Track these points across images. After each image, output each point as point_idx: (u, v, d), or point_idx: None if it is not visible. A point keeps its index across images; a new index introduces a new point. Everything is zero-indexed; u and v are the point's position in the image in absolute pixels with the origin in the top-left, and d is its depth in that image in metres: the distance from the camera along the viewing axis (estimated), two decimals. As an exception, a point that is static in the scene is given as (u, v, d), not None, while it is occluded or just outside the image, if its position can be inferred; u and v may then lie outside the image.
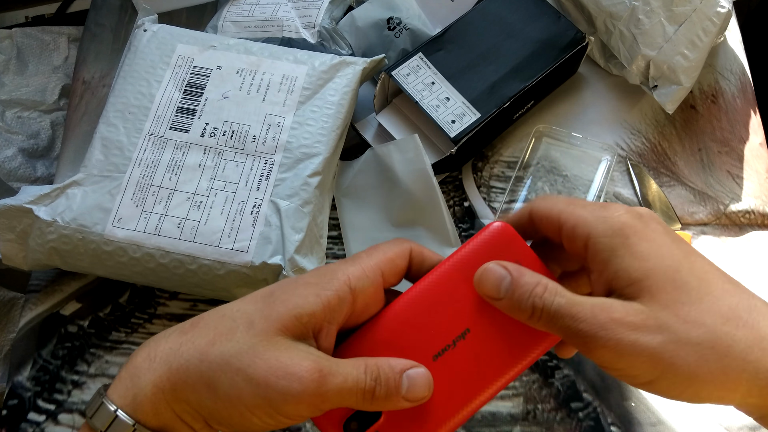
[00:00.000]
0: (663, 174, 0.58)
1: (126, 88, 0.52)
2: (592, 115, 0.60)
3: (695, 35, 0.55)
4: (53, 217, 0.47)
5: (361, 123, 0.58)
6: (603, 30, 0.59)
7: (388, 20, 0.59)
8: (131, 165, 0.49)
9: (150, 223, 0.47)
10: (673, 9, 0.55)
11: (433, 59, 0.55)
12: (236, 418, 0.27)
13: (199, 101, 0.51)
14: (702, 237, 0.55)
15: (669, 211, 0.56)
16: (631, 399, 0.49)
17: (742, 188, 0.57)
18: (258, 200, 0.48)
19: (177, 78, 0.52)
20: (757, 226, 0.56)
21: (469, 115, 0.53)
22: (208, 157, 0.49)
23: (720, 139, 0.60)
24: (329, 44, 0.59)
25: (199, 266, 0.46)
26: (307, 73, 0.53)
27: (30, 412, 0.49)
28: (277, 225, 0.47)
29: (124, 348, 0.51)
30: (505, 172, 0.58)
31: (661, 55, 0.56)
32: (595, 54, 0.62)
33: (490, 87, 0.54)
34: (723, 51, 0.64)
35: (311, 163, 0.49)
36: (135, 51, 0.54)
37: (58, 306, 0.52)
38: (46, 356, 0.51)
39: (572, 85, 0.61)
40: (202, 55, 0.53)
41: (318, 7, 0.59)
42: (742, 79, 0.62)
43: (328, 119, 0.51)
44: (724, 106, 0.61)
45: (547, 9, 0.57)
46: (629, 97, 0.61)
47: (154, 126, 0.50)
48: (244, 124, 0.50)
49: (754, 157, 0.59)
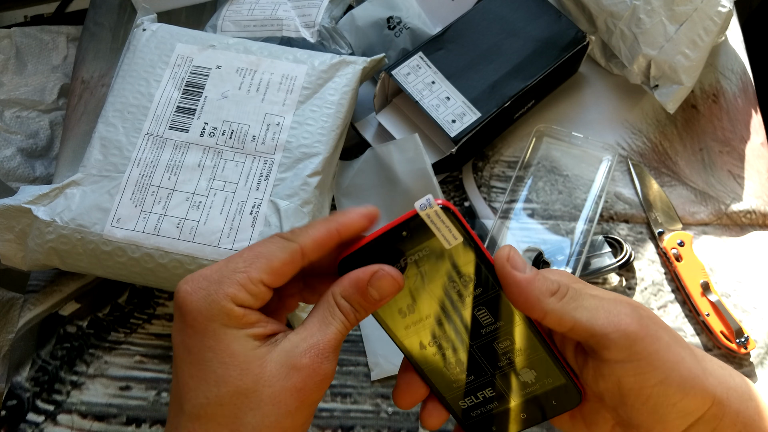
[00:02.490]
0: (664, 174, 0.58)
1: (125, 87, 0.52)
2: (592, 114, 0.60)
3: (696, 35, 0.55)
4: (52, 217, 0.47)
5: (361, 122, 0.58)
6: (604, 29, 0.59)
7: (388, 19, 0.59)
8: (130, 165, 0.49)
9: (149, 223, 0.47)
10: (674, 8, 0.55)
11: (434, 58, 0.55)
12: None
13: (199, 101, 0.51)
14: (703, 237, 0.55)
15: (670, 211, 0.55)
16: (632, 400, 0.49)
17: (744, 188, 0.57)
18: (257, 200, 0.48)
19: (176, 77, 0.52)
20: (758, 226, 0.56)
21: (469, 115, 0.53)
22: (208, 156, 0.49)
23: (721, 138, 0.59)
24: (329, 43, 0.58)
25: (199, 266, 0.46)
26: (306, 73, 0.52)
27: (29, 413, 0.48)
28: (276, 225, 0.47)
29: (123, 348, 0.51)
30: (506, 171, 0.57)
31: (662, 54, 0.55)
32: (595, 53, 0.62)
33: (491, 86, 0.54)
34: (724, 50, 0.64)
35: (311, 162, 0.49)
36: (134, 50, 0.53)
37: (57, 306, 0.52)
38: (45, 357, 0.50)
39: (573, 84, 0.61)
40: (202, 55, 0.53)
41: (318, 6, 0.59)
42: (744, 79, 0.62)
43: (328, 119, 0.51)
44: (726, 105, 0.61)
45: (547, 8, 0.57)
46: (630, 96, 0.61)
47: (153, 126, 0.50)
48: (243, 124, 0.50)
49: (755, 156, 0.59)
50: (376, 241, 0.32)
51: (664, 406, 0.30)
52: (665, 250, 0.53)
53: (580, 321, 0.30)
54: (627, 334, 0.30)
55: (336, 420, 0.48)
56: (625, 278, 0.53)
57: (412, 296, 0.33)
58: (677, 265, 0.52)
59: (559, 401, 0.34)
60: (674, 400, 0.30)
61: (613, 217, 0.56)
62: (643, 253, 0.54)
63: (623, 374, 0.30)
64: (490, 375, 0.34)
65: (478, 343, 0.34)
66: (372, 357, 0.49)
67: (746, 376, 0.50)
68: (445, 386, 0.34)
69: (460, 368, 0.34)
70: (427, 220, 0.31)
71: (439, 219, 0.31)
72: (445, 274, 0.32)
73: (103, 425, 0.48)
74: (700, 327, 0.51)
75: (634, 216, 0.56)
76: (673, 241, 0.53)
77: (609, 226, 0.55)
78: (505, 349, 0.34)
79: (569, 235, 0.54)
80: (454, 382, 0.34)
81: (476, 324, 0.33)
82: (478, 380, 0.34)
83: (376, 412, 0.48)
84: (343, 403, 0.48)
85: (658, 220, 0.55)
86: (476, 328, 0.33)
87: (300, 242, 0.29)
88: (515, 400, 0.34)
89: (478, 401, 0.35)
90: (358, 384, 0.49)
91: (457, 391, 0.34)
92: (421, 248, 0.32)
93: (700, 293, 0.51)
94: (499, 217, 0.55)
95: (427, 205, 0.31)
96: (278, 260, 0.28)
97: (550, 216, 0.55)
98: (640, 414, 0.30)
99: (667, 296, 0.53)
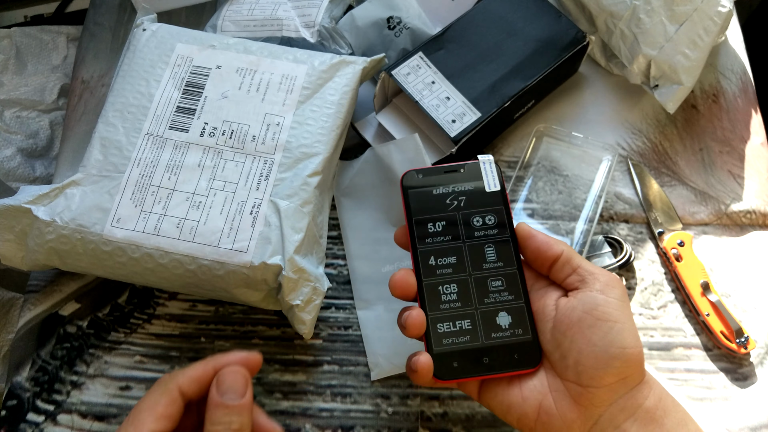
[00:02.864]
0: (664, 174, 0.58)
1: (125, 87, 0.52)
2: (592, 114, 0.60)
3: (696, 35, 0.55)
4: (52, 217, 0.47)
5: (361, 122, 0.58)
6: (604, 29, 0.59)
7: (388, 19, 0.59)
8: (130, 165, 0.49)
9: (149, 223, 0.47)
10: (674, 8, 0.55)
11: (434, 58, 0.55)
12: None
13: (199, 101, 0.51)
14: (703, 237, 0.55)
15: (670, 211, 0.55)
16: (632, 400, 0.49)
17: (743, 188, 0.57)
18: (257, 200, 0.48)
19: (176, 77, 0.52)
20: (758, 226, 0.56)
21: (469, 115, 0.53)
22: (208, 156, 0.49)
23: (721, 138, 0.59)
24: (329, 43, 0.58)
25: (199, 266, 0.46)
26: (306, 73, 0.52)
27: (29, 413, 0.48)
28: (276, 225, 0.47)
29: (123, 348, 0.51)
30: (506, 171, 0.57)
31: (662, 54, 0.55)
32: (595, 53, 0.62)
33: (491, 86, 0.54)
34: (724, 50, 0.64)
35: (311, 162, 0.49)
36: (134, 50, 0.53)
37: (57, 306, 0.52)
38: (45, 357, 0.50)
39: (573, 84, 0.61)
40: (202, 55, 0.53)
41: (318, 6, 0.59)
42: (744, 79, 0.62)
43: (328, 119, 0.51)
44: (726, 105, 0.61)
45: (547, 8, 0.57)
46: (630, 96, 0.61)
47: (153, 125, 0.50)
48: (243, 124, 0.50)
49: (755, 156, 0.59)
50: (439, 168, 0.43)
51: (609, 355, 0.35)
52: (665, 250, 0.53)
53: (572, 251, 0.39)
54: (613, 278, 0.38)
55: (336, 420, 0.48)
56: (625, 278, 0.53)
57: (444, 219, 0.41)
58: (677, 265, 0.52)
59: (520, 357, 0.39)
60: (618, 351, 0.35)
61: (613, 217, 0.56)
62: (643, 253, 0.54)
63: (590, 306, 0.37)
64: (474, 307, 0.40)
65: (477, 275, 0.40)
66: (372, 357, 0.49)
67: (746, 376, 0.50)
68: (434, 303, 0.40)
69: (453, 291, 0.40)
70: (482, 166, 0.43)
71: (490, 168, 0.43)
72: (476, 210, 0.42)
73: (103, 425, 0.48)
74: (700, 327, 0.51)
75: (634, 216, 0.56)
76: (673, 241, 0.53)
77: (609, 226, 0.55)
78: (495, 288, 0.40)
79: (569, 235, 0.54)
80: (442, 303, 0.40)
81: (481, 257, 0.40)
82: (463, 309, 0.40)
83: (376, 412, 0.48)
84: (343, 403, 0.48)
85: (658, 220, 0.55)
86: (480, 261, 0.40)
87: (177, 382, 0.33)
88: (485, 341, 0.39)
89: (455, 330, 0.39)
90: (358, 384, 0.49)
91: (441, 313, 0.40)
92: (468, 184, 0.42)
93: (700, 293, 0.51)
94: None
95: (486, 158, 0.42)
96: (161, 405, 0.33)
97: (550, 216, 0.55)
98: (584, 356, 0.36)
99: (667, 296, 0.53)
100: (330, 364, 0.50)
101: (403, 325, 0.39)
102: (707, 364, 0.50)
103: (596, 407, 0.36)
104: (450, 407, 0.48)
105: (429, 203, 0.42)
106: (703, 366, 0.50)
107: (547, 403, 0.37)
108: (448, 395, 0.48)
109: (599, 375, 0.35)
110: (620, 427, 0.35)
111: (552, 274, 0.40)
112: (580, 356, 0.36)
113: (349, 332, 0.51)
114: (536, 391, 0.37)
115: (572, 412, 0.36)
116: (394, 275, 0.40)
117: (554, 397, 0.37)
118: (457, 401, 0.48)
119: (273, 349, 0.50)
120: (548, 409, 0.36)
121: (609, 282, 0.38)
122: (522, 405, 0.37)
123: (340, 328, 0.51)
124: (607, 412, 0.36)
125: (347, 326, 0.51)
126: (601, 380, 0.35)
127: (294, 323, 0.46)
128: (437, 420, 0.48)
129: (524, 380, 0.38)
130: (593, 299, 0.37)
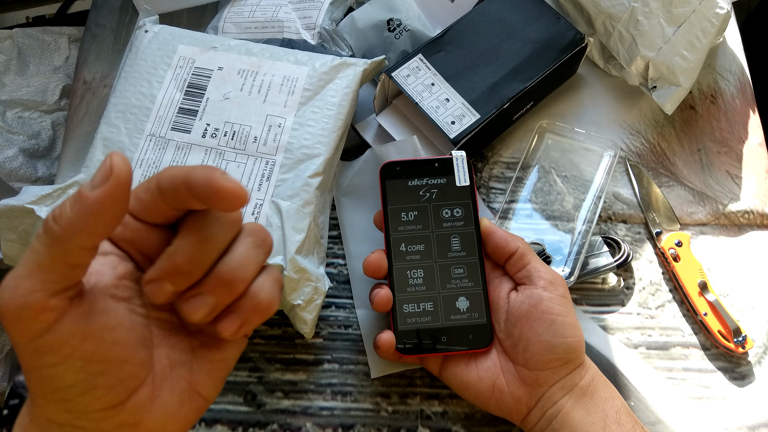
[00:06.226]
0: (662, 174, 0.58)
1: (127, 88, 0.52)
2: (591, 115, 0.60)
3: (694, 36, 0.55)
4: (55, 218, 0.47)
5: (361, 124, 0.58)
6: (602, 31, 0.59)
7: (388, 21, 0.59)
8: (133, 165, 0.49)
9: (151, 224, 0.47)
10: (672, 10, 0.55)
11: (433, 60, 0.55)
12: None
13: (201, 102, 0.51)
14: (701, 237, 0.55)
15: (668, 212, 0.56)
16: (630, 398, 0.49)
17: (741, 188, 0.57)
18: (259, 201, 0.48)
19: (178, 79, 0.52)
20: (756, 227, 0.56)
21: (468, 116, 0.53)
22: (210, 157, 0.50)
23: (719, 139, 0.60)
24: (330, 45, 0.59)
25: (200, 266, 0.46)
26: (307, 74, 0.53)
27: (32, 412, 0.49)
28: (278, 225, 0.47)
29: (126, 348, 0.51)
30: (505, 173, 0.58)
31: (660, 56, 0.56)
32: (594, 55, 0.62)
33: (490, 88, 0.54)
34: (722, 51, 0.64)
35: (312, 163, 0.50)
36: (136, 52, 0.54)
37: (60, 306, 0.53)
38: (47, 356, 0.51)
39: (571, 85, 0.62)
40: (203, 56, 0.53)
41: (318, 9, 0.59)
42: (741, 80, 0.63)
43: (329, 120, 0.51)
44: (723, 106, 0.61)
45: (546, 10, 0.57)
46: (628, 97, 0.61)
47: (156, 127, 0.51)
48: (245, 125, 0.51)
49: (753, 157, 0.59)
50: (416, 162, 0.47)
51: (552, 344, 0.41)
52: (663, 250, 0.54)
53: (528, 248, 0.45)
54: (556, 277, 0.44)
55: (336, 418, 0.48)
56: (623, 278, 0.54)
57: (416, 210, 0.46)
58: (675, 265, 0.53)
59: (475, 338, 0.44)
60: (560, 340, 0.41)
61: (611, 217, 0.56)
62: (641, 253, 0.55)
63: (536, 301, 0.42)
64: (437, 291, 0.45)
65: (442, 262, 0.45)
66: (372, 355, 0.50)
67: (744, 376, 0.51)
68: (401, 286, 0.45)
69: (419, 276, 0.45)
70: (455, 162, 0.47)
71: (462, 164, 0.47)
72: (446, 203, 0.46)
73: (105, 424, 0.48)
74: (697, 326, 0.52)
75: (632, 216, 0.56)
76: (671, 241, 0.54)
77: (607, 227, 0.56)
78: (458, 275, 0.45)
79: (568, 235, 0.54)
80: (409, 286, 0.45)
81: (447, 246, 0.45)
82: (427, 292, 0.45)
83: (376, 411, 0.48)
84: (344, 401, 0.49)
85: (656, 221, 0.55)
86: (445, 249, 0.45)
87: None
88: (444, 321, 0.44)
89: (418, 311, 0.44)
90: (358, 382, 0.49)
91: (407, 295, 0.45)
92: (441, 178, 0.47)
93: (698, 293, 0.52)
94: (499, 217, 0.55)
95: (459, 154, 0.47)
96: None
97: (548, 216, 0.55)
98: (532, 344, 0.42)
99: (665, 296, 0.53)
100: (330, 362, 0.50)
101: (371, 300, 0.44)
102: (705, 363, 0.51)
103: (541, 386, 0.42)
104: (450, 406, 0.48)
105: (404, 194, 0.47)
106: (701, 365, 0.50)
107: (500, 382, 0.43)
108: (448, 394, 0.49)
109: (544, 360, 0.42)
110: (558, 402, 0.41)
111: (507, 266, 0.45)
112: (528, 344, 0.42)
113: (349, 331, 0.51)
114: (490, 371, 0.43)
115: (521, 390, 0.42)
116: (369, 256, 0.44)
117: (506, 378, 0.43)
118: (456, 400, 0.48)
119: (274, 348, 0.50)
120: (501, 387, 0.42)
121: (552, 280, 0.43)
122: (478, 384, 0.43)
123: (341, 327, 0.51)
124: (549, 390, 0.42)
125: (347, 325, 0.51)
126: (546, 364, 0.42)
127: (295, 323, 0.47)
128: (437, 418, 0.48)
129: (480, 362, 0.44)
130: (539, 295, 0.42)
